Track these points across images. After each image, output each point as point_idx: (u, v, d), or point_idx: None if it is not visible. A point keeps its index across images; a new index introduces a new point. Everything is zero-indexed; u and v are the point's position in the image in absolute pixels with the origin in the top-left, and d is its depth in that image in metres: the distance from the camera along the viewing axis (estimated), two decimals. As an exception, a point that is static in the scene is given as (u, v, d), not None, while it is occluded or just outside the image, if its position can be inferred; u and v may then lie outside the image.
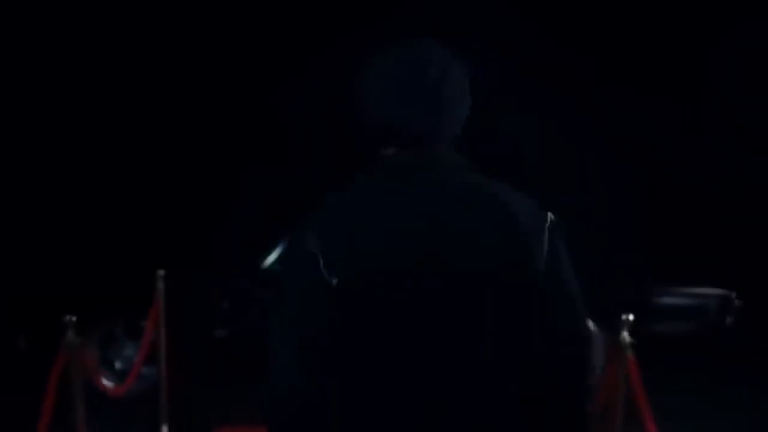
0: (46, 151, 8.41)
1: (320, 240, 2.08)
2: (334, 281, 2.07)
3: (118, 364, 7.07)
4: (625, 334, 4.62)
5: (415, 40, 2.19)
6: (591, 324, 6.49)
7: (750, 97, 8.74)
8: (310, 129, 7.82)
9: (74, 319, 4.88)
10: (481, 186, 2.12)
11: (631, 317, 4.61)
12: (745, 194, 8.52)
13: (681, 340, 7.06)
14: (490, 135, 7.36)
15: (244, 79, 8.37)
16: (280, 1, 8.64)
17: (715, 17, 8.64)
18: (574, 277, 2.14)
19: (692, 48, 8.69)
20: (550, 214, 2.14)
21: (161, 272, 6.19)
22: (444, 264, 2.08)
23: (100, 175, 8.20)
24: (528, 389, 2.12)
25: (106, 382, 6.94)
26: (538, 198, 2.16)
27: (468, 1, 8.21)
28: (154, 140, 8.24)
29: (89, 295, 7.01)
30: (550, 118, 7.92)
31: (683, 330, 7.16)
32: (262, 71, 8.36)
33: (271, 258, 7.13)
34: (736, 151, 8.84)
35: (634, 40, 8.61)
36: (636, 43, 8.61)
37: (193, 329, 7.00)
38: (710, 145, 8.86)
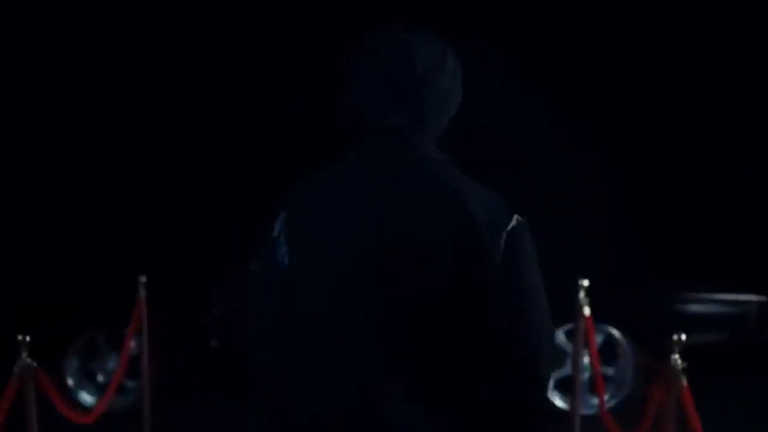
0: (43, 148, 8.39)
1: (284, 224, 2.13)
2: (288, 264, 2.11)
3: (100, 377, 6.71)
4: (677, 357, 3.92)
5: (405, 32, 2.17)
6: (561, 335, 6.39)
7: (750, 97, 8.74)
8: (310, 129, 7.81)
9: (28, 339, 4.31)
10: (444, 180, 2.12)
11: (683, 337, 3.95)
12: (745, 194, 8.51)
13: (716, 350, 6.62)
14: (489, 135, 7.35)
15: (244, 79, 8.36)
16: (280, 1, 8.63)
17: (715, 17, 8.64)
18: (535, 279, 2.12)
19: (692, 48, 8.68)
20: (516, 216, 2.13)
21: (143, 278, 5.98)
22: (391, 256, 2.08)
23: (98, 178, 8.19)
24: (479, 385, 2.12)
25: (86, 397, 6.69)
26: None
27: (468, 1, 8.20)
28: (153, 140, 8.23)
29: (81, 298, 6.82)
30: (550, 117, 7.92)
31: (720, 340, 6.60)
32: (262, 71, 8.35)
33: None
34: (736, 151, 8.83)
35: (634, 40, 8.60)
36: (636, 43, 8.61)
37: (180, 339, 6.69)
38: (710, 145, 8.85)
